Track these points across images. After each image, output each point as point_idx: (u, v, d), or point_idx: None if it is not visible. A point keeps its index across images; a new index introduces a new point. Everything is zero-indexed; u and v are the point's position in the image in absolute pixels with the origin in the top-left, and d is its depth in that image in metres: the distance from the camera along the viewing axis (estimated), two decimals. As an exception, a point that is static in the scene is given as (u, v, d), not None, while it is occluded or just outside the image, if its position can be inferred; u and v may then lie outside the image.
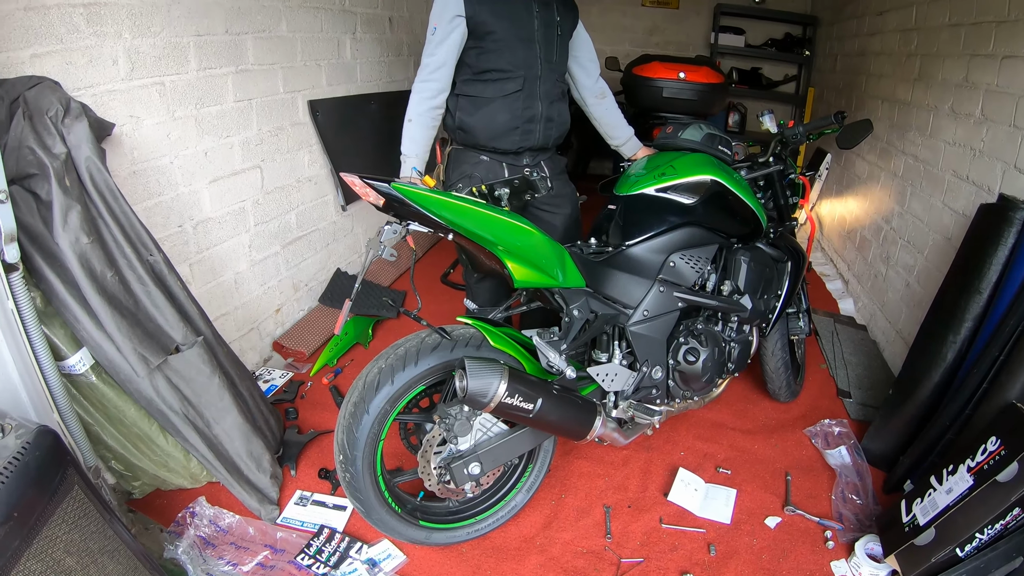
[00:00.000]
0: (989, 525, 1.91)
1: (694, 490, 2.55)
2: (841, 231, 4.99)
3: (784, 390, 3.05)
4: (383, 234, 1.81)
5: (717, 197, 2.37)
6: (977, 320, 2.41)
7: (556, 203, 2.83)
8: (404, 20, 4.65)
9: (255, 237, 3.24)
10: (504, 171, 2.71)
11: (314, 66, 3.59)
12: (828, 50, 6.31)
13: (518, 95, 2.63)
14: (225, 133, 2.96)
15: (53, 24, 2.13)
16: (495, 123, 2.62)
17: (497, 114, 2.61)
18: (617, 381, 2.18)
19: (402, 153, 2.59)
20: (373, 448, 2.00)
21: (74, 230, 1.93)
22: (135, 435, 2.27)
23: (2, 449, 1.41)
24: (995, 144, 2.81)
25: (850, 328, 4.00)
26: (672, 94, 4.78)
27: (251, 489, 2.38)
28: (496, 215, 1.80)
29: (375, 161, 4.23)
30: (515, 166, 2.72)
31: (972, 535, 1.93)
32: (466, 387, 1.80)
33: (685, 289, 2.28)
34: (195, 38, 2.72)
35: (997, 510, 1.88)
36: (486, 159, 2.69)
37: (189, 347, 2.23)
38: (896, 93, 4.15)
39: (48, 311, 1.98)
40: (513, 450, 2.14)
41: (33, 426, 1.50)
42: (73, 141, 1.98)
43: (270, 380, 3.15)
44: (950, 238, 3.09)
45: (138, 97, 2.48)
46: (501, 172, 2.71)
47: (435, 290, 2.98)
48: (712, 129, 2.56)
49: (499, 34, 2.54)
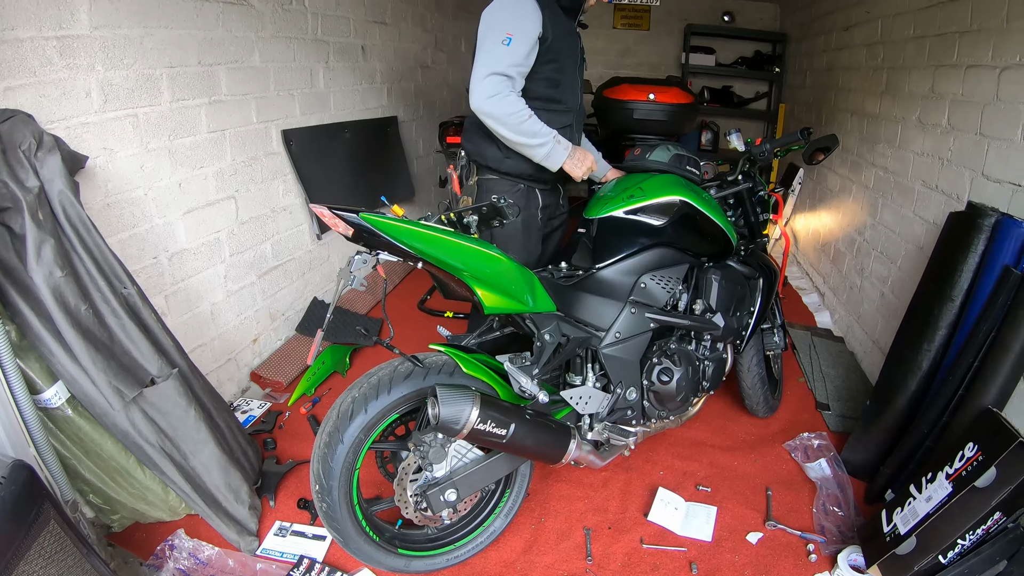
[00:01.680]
0: (970, 531, 1.93)
1: (674, 509, 2.55)
2: (816, 244, 5.05)
3: (762, 405, 3.07)
4: (353, 264, 1.82)
5: (686, 217, 2.40)
6: (951, 327, 2.45)
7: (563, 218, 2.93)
8: (376, 48, 4.68)
9: (231, 267, 3.24)
10: (539, 198, 2.72)
11: (287, 96, 3.61)
12: (798, 66, 6.43)
13: (568, 130, 2.64)
14: (199, 164, 2.96)
15: (26, 57, 2.14)
16: None
17: None
18: (591, 404, 2.20)
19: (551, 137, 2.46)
20: (349, 478, 2.00)
21: (48, 264, 1.92)
22: (113, 468, 2.25)
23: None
24: (962, 153, 2.87)
25: (827, 340, 4.04)
26: (643, 115, 4.82)
27: (230, 521, 2.36)
28: (464, 243, 1.82)
29: (350, 188, 4.24)
30: (546, 191, 2.73)
31: (954, 541, 1.95)
32: (438, 414, 1.81)
33: (657, 310, 2.30)
34: (168, 70, 2.73)
35: (977, 515, 1.91)
36: (523, 187, 2.68)
37: (164, 379, 2.22)
38: (865, 106, 4.24)
39: (23, 344, 1.97)
40: (489, 475, 2.14)
41: (8, 460, 1.50)
42: (46, 175, 1.98)
43: (248, 411, 3.13)
44: (922, 247, 3.14)
45: (111, 129, 2.48)
46: (536, 199, 2.72)
47: (412, 317, 3.00)
48: (680, 149, 2.60)
49: (559, 64, 2.54)
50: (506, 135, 2.42)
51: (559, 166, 2.51)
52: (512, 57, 2.36)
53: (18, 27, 2.10)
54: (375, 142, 4.63)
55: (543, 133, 2.43)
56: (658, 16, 7.45)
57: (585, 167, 2.54)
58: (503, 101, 2.36)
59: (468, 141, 2.71)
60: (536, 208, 2.75)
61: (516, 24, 2.36)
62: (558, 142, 2.47)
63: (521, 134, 2.41)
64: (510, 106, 2.37)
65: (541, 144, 2.44)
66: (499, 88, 2.35)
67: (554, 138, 2.46)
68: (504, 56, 2.35)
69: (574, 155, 2.52)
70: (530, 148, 2.46)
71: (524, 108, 2.39)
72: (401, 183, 5.01)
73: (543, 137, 2.43)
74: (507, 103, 2.36)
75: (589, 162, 2.56)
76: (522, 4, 2.39)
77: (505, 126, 2.39)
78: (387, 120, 4.86)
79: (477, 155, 2.69)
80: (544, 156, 2.47)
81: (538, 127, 2.42)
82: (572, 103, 2.66)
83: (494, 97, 2.35)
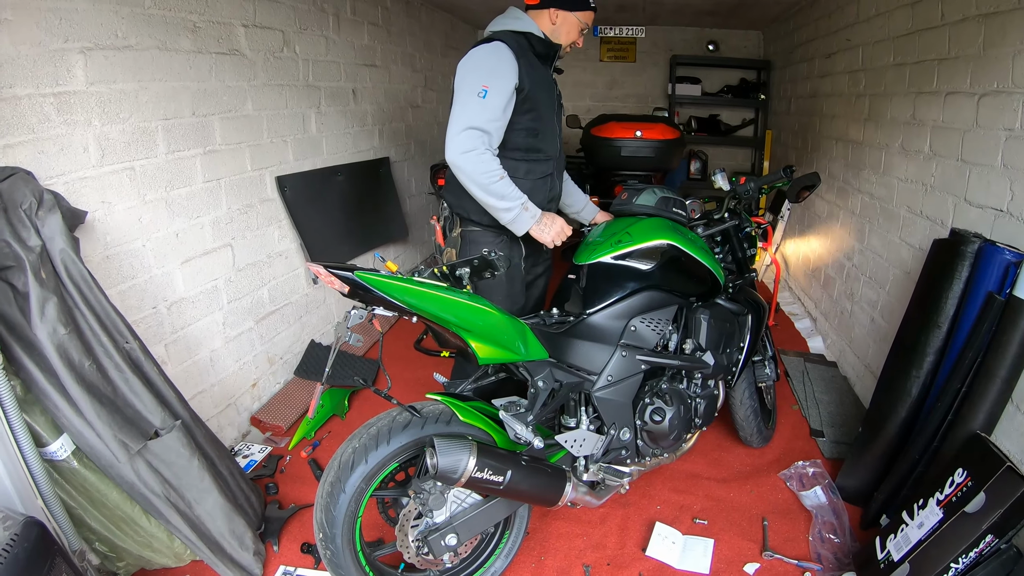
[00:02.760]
0: (963, 555, 1.95)
1: (672, 543, 2.58)
2: (806, 270, 5.11)
3: (756, 436, 3.11)
4: (349, 319, 1.87)
5: (674, 259, 2.46)
6: (938, 354, 2.47)
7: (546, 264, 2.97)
8: (367, 91, 4.75)
9: (229, 314, 3.27)
10: (522, 247, 2.74)
11: (280, 142, 3.65)
12: (782, 93, 6.50)
13: (548, 178, 2.68)
14: (195, 214, 3.00)
15: (24, 114, 2.18)
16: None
17: (530, 197, 2.54)
18: (586, 446, 2.24)
19: (519, 203, 2.47)
20: (352, 525, 2.03)
21: (51, 321, 1.95)
22: (118, 517, 2.27)
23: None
24: (945, 179, 2.91)
25: (820, 366, 4.09)
26: (631, 152, 4.88)
27: (235, 567, 2.38)
28: (456, 298, 1.87)
29: (344, 231, 4.29)
30: (529, 241, 2.68)
31: (947, 565, 1.98)
32: (436, 464, 1.85)
33: (647, 351, 2.35)
34: (163, 122, 2.77)
35: (968, 540, 1.94)
36: (506, 237, 2.69)
37: (168, 431, 2.24)
38: (849, 133, 4.30)
39: (28, 399, 2.00)
40: (488, 519, 2.17)
41: (20, 517, 1.53)
42: (47, 233, 2.01)
43: (249, 455, 3.16)
44: (909, 272, 3.18)
45: (109, 183, 2.52)
46: (519, 248, 2.74)
47: (409, 357, 3.02)
48: (666, 192, 2.66)
49: (539, 112, 2.56)
50: (475, 192, 2.45)
51: (524, 232, 2.54)
52: (489, 112, 2.38)
53: (15, 85, 2.14)
54: (368, 184, 4.67)
55: (511, 197, 2.45)
56: (644, 47, 7.57)
57: (553, 232, 2.56)
58: (478, 159, 2.38)
59: (450, 193, 2.71)
60: (520, 258, 2.78)
61: (492, 77, 2.40)
62: (525, 209, 2.49)
63: (490, 195, 2.43)
64: (483, 164, 2.38)
65: (508, 209, 2.47)
66: (474, 144, 2.37)
67: (522, 204, 2.48)
68: (480, 111, 2.37)
69: (542, 221, 2.54)
70: (496, 210, 2.49)
71: (497, 169, 2.41)
72: (395, 223, 5.06)
73: (511, 201, 2.46)
74: (480, 161, 2.38)
75: (558, 227, 2.57)
76: (499, 55, 2.42)
77: (476, 184, 2.42)
78: (379, 161, 4.91)
79: (459, 207, 2.71)
80: (510, 220, 2.50)
81: (508, 190, 2.44)
82: (552, 151, 2.69)
83: (469, 153, 2.37)
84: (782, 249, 5.75)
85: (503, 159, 2.50)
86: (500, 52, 2.43)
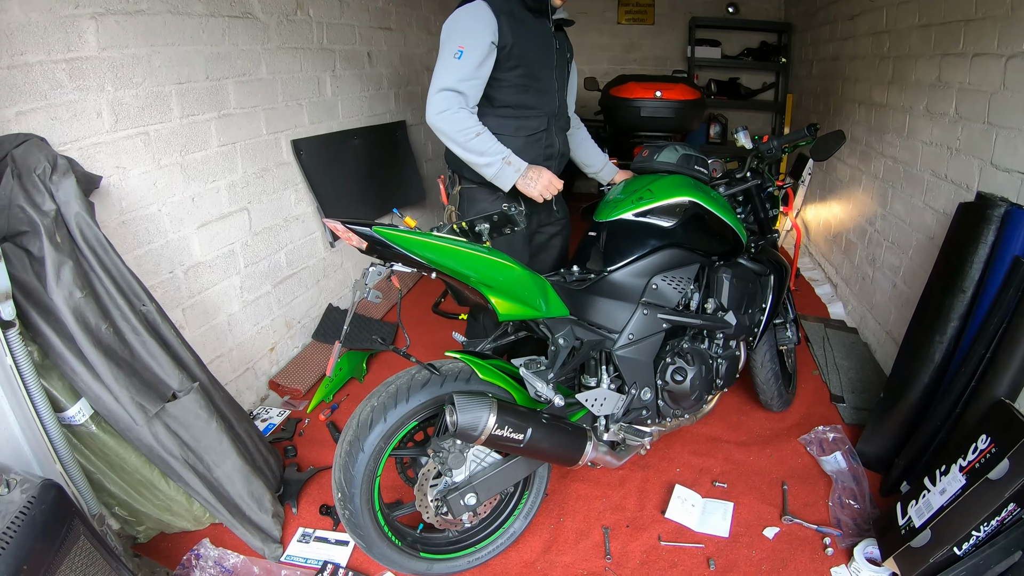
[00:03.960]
0: (985, 522, 1.93)
1: (691, 506, 2.57)
2: (827, 235, 5.04)
3: (776, 400, 3.08)
4: (367, 276, 1.84)
5: (696, 217, 2.41)
6: (962, 319, 2.43)
7: (560, 224, 2.92)
8: (383, 54, 4.71)
9: (246, 278, 3.27)
10: (521, 204, 2.66)
11: (295, 106, 3.63)
12: (804, 56, 6.38)
13: (542, 135, 2.65)
14: (211, 178, 2.99)
15: (36, 81, 2.17)
16: None
17: (521, 154, 2.53)
18: (606, 405, 2.22)
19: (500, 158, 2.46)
20: (370, 485, 2.03)
21: (67, 285, 1.95)
22: (137, 481, 2.29)
23: (8, 504, 1.42)
24: (971, 142, 2.85)
25: (841, 332, 4.03)
26: (650, 113, 4.83)
27: (254, 529, 2.39)
28: (476, 253, 1.84)
29: (361, 194, 4.27)
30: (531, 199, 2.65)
31: (969, 533, 1.96)
32: (456, 422, 1.83)
33: (669, 310, 2.32)
34: (177, 86, 2.75)
35: (991, 507, 1.91)
36: (502, 194, 2.65)
37: (186, 393, 2.25)
38: (872, 96, 4.21)
39: (46, 364, 2.01)
40: (508, 479, 2.16)
41: (37, 480, 1.52)
42: (62, 197, 2.01)
43: (268, 419, 3.17)
44: (932, 237, 3.13)
45: (124, 148, 2.51)
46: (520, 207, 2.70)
47: (428, 320, 3.01)
48: (688, 149, 2.60)
49: (526, 69, 2.54)
50: (457, 151, 2.48)
51: (510, 186, 2.51)
52: (462, 71, 2.40)
53: (27, 52, 2.13)
54: (384, 147, 4.64)
55: (491, 152, 2.45)
56: (662, 10, 7.42)
57: (540, 186, 2.50)
58: (452, 117, 2.40)
59: (448, 151, 2.67)
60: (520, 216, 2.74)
61: (468, 36, 2.41)
62: (508, 163, 2.47)
63: (469, 151, 2.44)
64: (459, 123, 2.41)
65: (488, 164, 2.46)
66: (448, 104, 2.40)
67: (503, 159, 2.46)
68: (455, 70, 2.40)
69: (527, 175, 2.50)
70: (478, 167, 2.49)
71: (473, 126, 2.42)
72: (412, 187, 5.03)
73: (491, 156, 2.45)
74: (456, 120, 2.41)
75: (545, 180, 2.51)
76: (475, 14, 2.42)
77: (454, 142, 2.45)
78: (395, 125, 4.88)
79: (456, 165, 2.70)
80: (493, 176, 2.49)
81: (486, 146, 2.44)
82: (547, 107, 2.66)
83: (443, 113, 2.40)
84: (803, 214, 5.68)
85: (493, 116, 2.54)
86: (478, 10, 2.42)
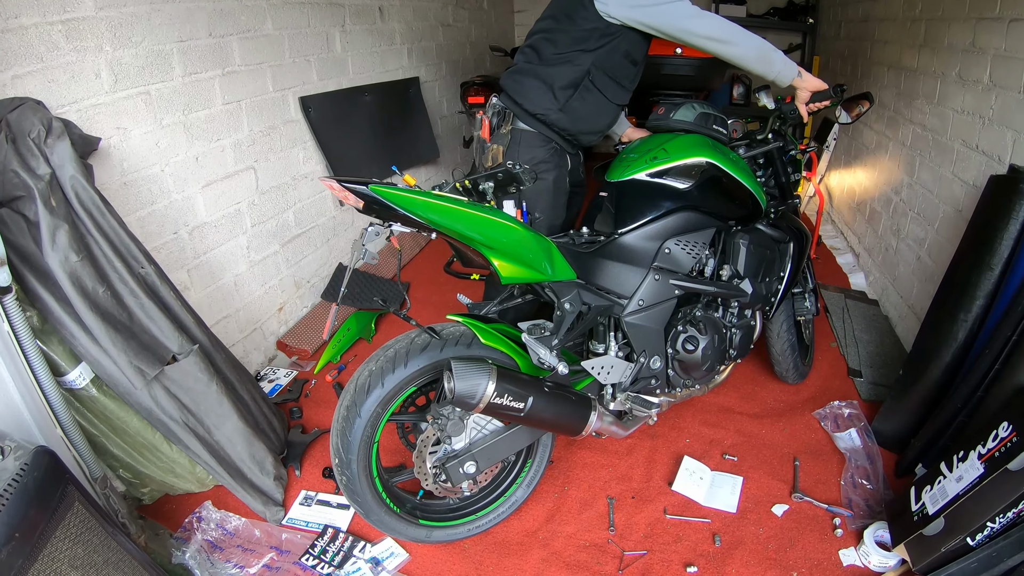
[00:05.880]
0: (1001, 514, 1.84)
1: (699, 479, 2.52)
2: (850, 203, 4.91)
3: (792, 372, 3.00)
4: (365, 236, 1.78)
5: (713, 179, 2.29)
6: (989, 297, 2.33)
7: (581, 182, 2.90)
8: (395, 8, 4.58)
9: (253, 238, 3.24)
10: (568, 161, 2.70)
11: (303, 62, 3.56)
12: (832, 17, 6.17)
13: (622, 108, 2.65)
14: (215, 137, 2.94)
15: (32, 43, 2.13)
16: (597, 124, 2.61)
17: (604, 117, 2.59)
18: (613, 374, 2.14)
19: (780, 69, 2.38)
20: (368, 450, 2.00)
21: (63, 249, 1.94)
22: (140, 444, 2.29)
23: (1, 472, 1.42)
24: (1005, 112, 2.72)
25: (861, 303, 3.93)
26: (671, 71, 4.69)
27: (255, 492, 2.39)
28: (478, 212, 1.75)
29: (372, 152, 4.21)
30: (573, 155, 2.74)
31: (983, 524, 1.87)
32: (454, 389, 1.77)
33: (682, 276, 2.22)
34: (178, 44, 2.70)
35: (1009, 499, 1.82)
36: (556, 146, 2.61)
37: (185, 356, 2.23)
38: (902, 59, 4.05)
39: (45, 328, 2.01)
40: (509, 448, 2.12)
41: (31, 447, 1.52)
42: (56, 161, 1.98)
43: (275, 379, 3.16)
44: (960, 210, 3.01)
45: (124, 108, 2.47)
46: (565, 162, 2.69)
47: (439, 280, 2.98)
48: (706, 108, 2.48)
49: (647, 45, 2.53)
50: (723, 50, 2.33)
51: (790, 80, 2.42)
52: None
53: (21, 15, 2.10)
54: (397, 104, 4.58)
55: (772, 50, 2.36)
56: (687, -34, 7.19)
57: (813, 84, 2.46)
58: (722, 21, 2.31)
59: (518, 84, 2.57)
60: (565, 170, 2.69)
61: None
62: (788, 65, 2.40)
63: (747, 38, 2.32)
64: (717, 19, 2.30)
65: (770, 52, 2.35)
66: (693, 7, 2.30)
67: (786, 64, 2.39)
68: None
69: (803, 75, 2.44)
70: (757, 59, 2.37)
71: (736, 27, 2.31)
72: (425, 144, 4.96)
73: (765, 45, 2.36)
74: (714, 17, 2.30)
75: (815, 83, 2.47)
76: None
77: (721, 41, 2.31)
78: (409, 81, 4.79)
79: (524, 100, 2.55)
80: (780, 67, 2.39)
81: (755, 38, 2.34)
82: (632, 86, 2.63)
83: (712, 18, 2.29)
84: (826, 180, 5.54)
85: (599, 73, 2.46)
86: None
